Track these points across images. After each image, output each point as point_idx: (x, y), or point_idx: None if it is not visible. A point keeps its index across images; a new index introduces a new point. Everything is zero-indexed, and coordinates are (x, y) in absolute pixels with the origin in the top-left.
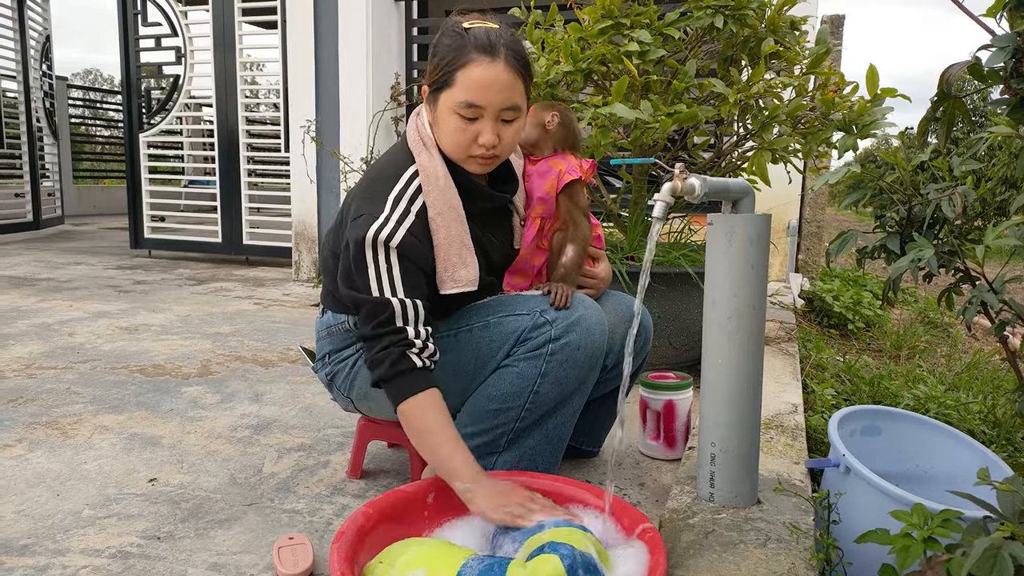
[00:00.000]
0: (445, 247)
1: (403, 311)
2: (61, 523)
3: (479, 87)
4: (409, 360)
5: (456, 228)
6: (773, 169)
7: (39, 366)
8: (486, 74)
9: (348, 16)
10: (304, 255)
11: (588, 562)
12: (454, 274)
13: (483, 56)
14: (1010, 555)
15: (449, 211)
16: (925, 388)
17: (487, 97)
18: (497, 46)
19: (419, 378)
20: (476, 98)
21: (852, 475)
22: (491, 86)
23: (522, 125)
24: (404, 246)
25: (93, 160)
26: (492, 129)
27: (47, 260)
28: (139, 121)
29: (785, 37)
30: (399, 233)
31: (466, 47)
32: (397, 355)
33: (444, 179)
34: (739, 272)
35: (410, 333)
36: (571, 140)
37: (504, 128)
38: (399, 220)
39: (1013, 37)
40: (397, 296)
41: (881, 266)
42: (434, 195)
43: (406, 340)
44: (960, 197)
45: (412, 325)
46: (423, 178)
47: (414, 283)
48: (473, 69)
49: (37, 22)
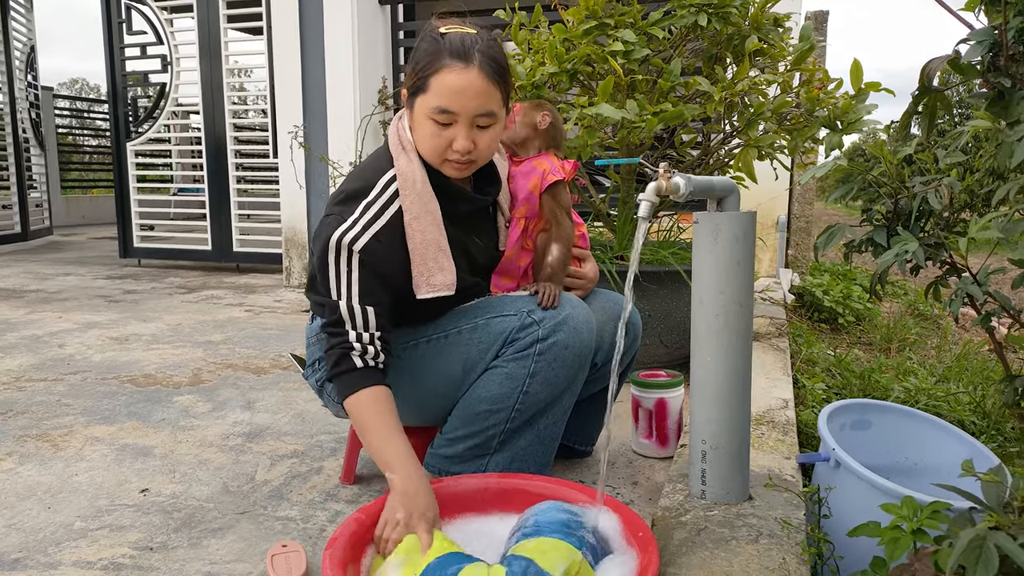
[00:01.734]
0: (421, 251)
1: (351, 316)
2: (52, 536)
3: (452, 93)
4: (350, 361)
5: (432, 232)
6: (760, 165)
7: (29, 378)
8: (459, 80)
9: (333, 21)
10: (294, 261)
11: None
12: (430, 279)
13: (457, 62)
14: (995, 545)
15: (425, 215)
16: (915, 380)
17: (460, 103)
18: (472, 52)
19: (360, 377)
20: (449, 104)
21: (842, 469)
22: (464, 92)
23: (500, 131)
24: (366, 251)
25: (81, 170)
26: (466, 135)
27: (36, 271)
28: (126, 130)
29: (769, 34)
30: (363, 238)
31: (441, 52)
32: (339, 355)
33: (422, 183)
34: (725, 269)
35: (351, 337)
36: (558, 140)
37: (479, 134)
38: (366, 225)
39: (990, 31)
40: (350, 302)
41: (871, 259)
42: (411, 198)
43: (347, 343)
44: (946, 189)
45: (357, 330)
46: (400, 181)
47: (370, 289)
48: (446, 75)
49: (21, 32)
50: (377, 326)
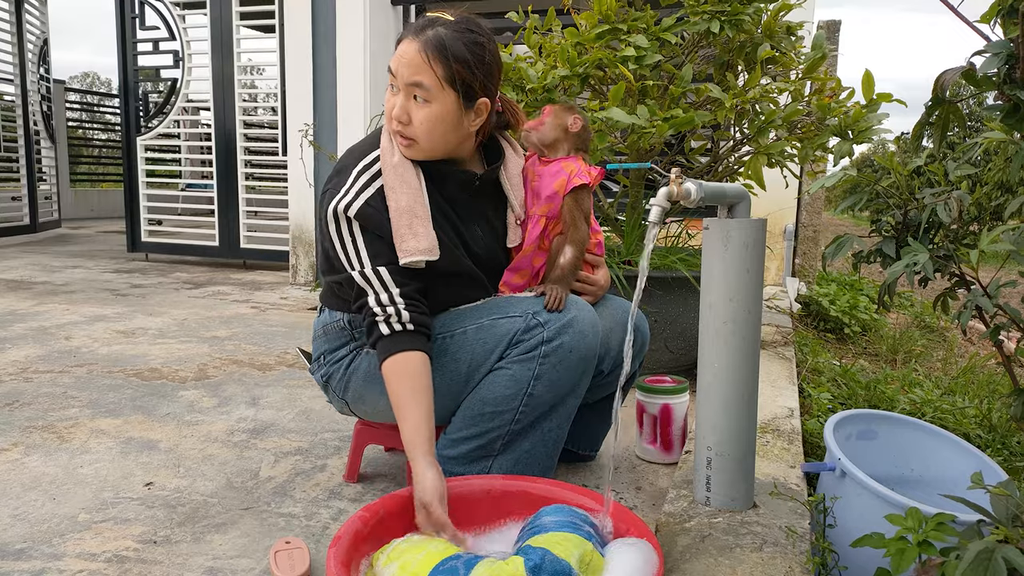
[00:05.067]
0: (395, 218)
1: (367, 282)
2: (57, 527)
3: (396, 58)
4: (377, 329)
5: (406, 199)
6: (770, 173)
7: (35, 370)
8: (403, 49)
9: (345, 20)
10: (301, 258)
11: (558, 568)
12: (402, 244)
13: (408, 35)
14: (1003, 558)
15: (401, 185)
16: (921, 392)
17: (397, 67)
18: (424, 29)
19: (389, 343)
20: (393, 66)
21: (848, 479)
22: (402, 59)
23: (434, 113)
24: (361, 215)
25: (90, 163)
26: (402, 104)
27: (44, 263)
28: (137, 124)
29: (781, 42)
30: (357, 203)
31: (407, 27)
32: (368, 326)
33: (398, 156)
34: (735, 276)
35: (371, 301)
36: (586, 144)
37: (415, 108)
38: (358, 192)
39: (1006, 43)
40: (363, 268)
41: (878, 270)
42: (387, 172)
43: (371, 311)
44: (956, 201)
45: (377, 293)
46: (381, 158)
47: (378, 251)
48: (400, 44)
49: (35, 25)
50: (396, 283)
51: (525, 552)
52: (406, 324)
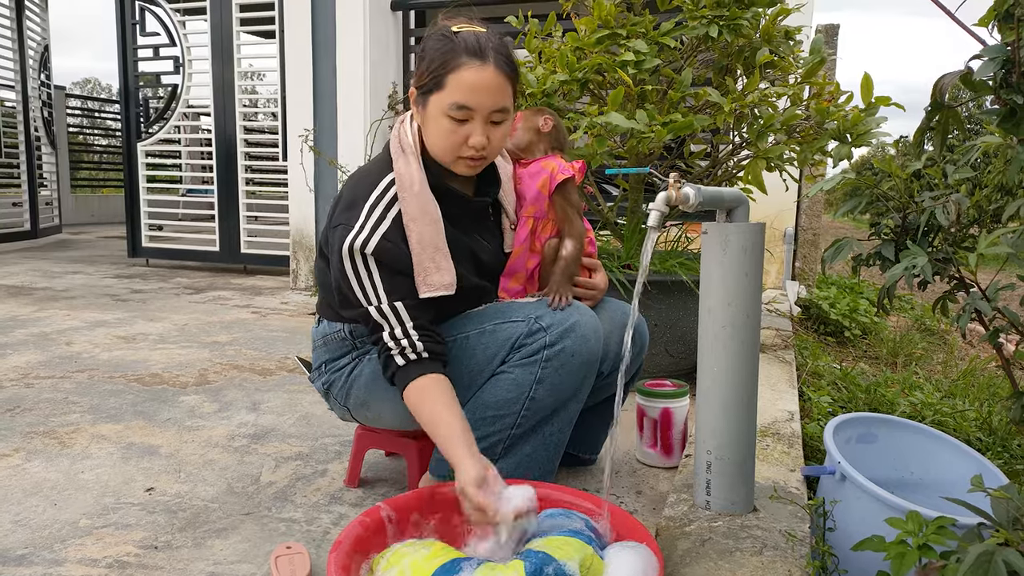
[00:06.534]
0: (419, 252)
1: (384, 318)
2: (58, 533)
3: (470, 90)
4: (393, 363)
5: (429, 233)
6: (770, 177)
7: (36, 375)
8: (477, 77)
9: (345, 25)
10: (302, 263)
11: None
12: (426, 279)
13: (473, 60)
14: (1003, 561)
15: (423, 216)
16: (921, 395)
17: (478, 100)
18: (487, 50)
19: (404, 373)
20: (467, 100)
21: (848, 482)
22: (482, 89)
23: (509, 127)
24: (379, 251)
25: (91, 169)
26: (482, 131)
27: (45, 269)
28: (137, 130)
29: (780, 47)
30: (373, 239)
31: (456, 51)
32: (384, 360)
33: (420, 184)
34: (734, 281)
35: (386, 337)
36: (562, 143)
37: (493, 129)
38: (374, 227)
39: (1003, 48)
40: (380, 304)
41: (878, 273)
42: (408, 200)
43: (385, 346)
44: (954, 204)
45: (392, 328)
46: (399, 185)
47: (394, 286)
48: (464, 72)
49: (36, 31)
50: (411, 317)
51: (526, 556)
52: (421, 354)
